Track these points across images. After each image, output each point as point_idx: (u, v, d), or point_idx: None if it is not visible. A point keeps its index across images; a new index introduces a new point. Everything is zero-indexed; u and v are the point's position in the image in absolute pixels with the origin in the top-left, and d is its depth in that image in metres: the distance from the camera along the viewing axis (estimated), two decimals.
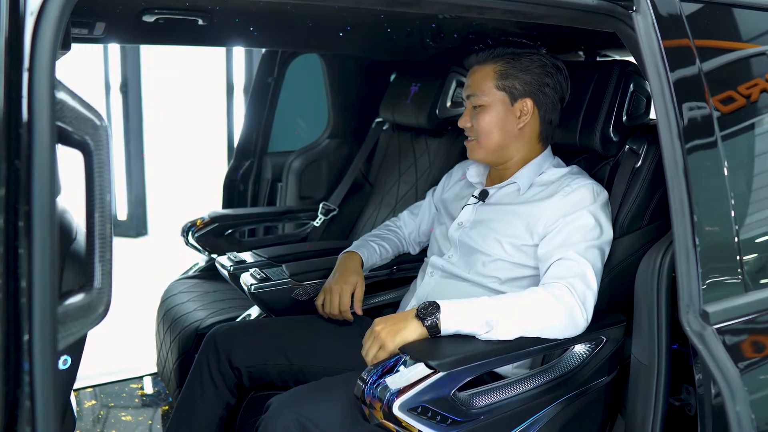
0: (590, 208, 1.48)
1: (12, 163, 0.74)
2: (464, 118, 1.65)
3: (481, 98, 1.60)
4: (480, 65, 1.63)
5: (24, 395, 0.75)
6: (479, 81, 1.61)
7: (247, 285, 1.84)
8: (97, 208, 0.81)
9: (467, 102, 1.65)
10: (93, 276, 0.82)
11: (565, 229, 1.47)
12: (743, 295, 1.27)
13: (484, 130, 1.61)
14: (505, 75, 1.59)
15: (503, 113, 1.60)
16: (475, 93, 1.61)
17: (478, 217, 1.62)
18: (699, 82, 1.26)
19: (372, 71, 2.75)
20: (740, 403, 1.14)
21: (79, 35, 1.84)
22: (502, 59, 1.60)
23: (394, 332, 1.33)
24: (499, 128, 1.60)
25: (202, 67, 5.21)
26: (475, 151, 1.65)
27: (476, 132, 1.62)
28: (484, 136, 1.61)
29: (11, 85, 0.75)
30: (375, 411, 1.21)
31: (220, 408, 1.60)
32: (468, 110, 1.64)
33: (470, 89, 1.63)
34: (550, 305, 1.36)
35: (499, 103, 1.60)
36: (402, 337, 1.32)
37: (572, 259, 1.42)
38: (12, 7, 0.75)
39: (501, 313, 1.34)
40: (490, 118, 1.60)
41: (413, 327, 1.34)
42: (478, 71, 1.62)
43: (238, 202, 2.89)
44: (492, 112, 1.60)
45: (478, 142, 1.63)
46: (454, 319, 1.33)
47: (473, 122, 1.62)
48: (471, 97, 1.62)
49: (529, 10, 1.19)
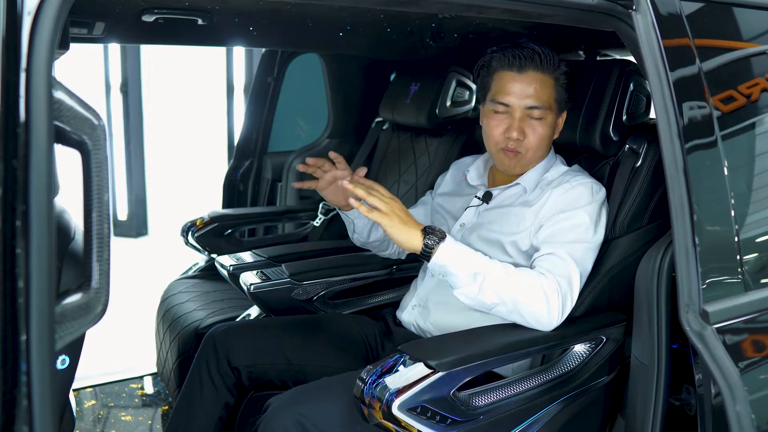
0: (587, 207, 1.47)
1: (9, 163, 0.74)
2: (516, 129, 1.49)
3: (544, 111, 1.50)
4: (540, 72, 1.49)
5: (21, 395, 0.75)
6: (543, 92, 1.50)
7: (247, 285, 1.85)
8: (95, 208, 0.81)
9: (517, 109, 1.50)
10: (91, 275, 0.81)
11: (559, 224, 1.46)
12: (743, 294, 1.26)
13: (538, 143, 1.52)
14: (561, 89, 1.52)
15: (553, 127, 1.55)
16: (538, 105, 1.49)
17: (481, 219, 1.61)
18: (699, 82, 1.26)
19: (372, 71, 2.75)
20: (740, 402, 1.14)
21: (79, 35, 1.84)
22: (560, 72, 1.52)
23: (401, 221, 1.35)
24: (547, 142, 1.55)
25: (203, 67, 5.20)
26: (519, 164, 1.54)
27: (526, 145, 1.51)
28: (534, 150, 1.53)
29: (9, 85, 0.75)
30: (374, 411, 1.20)
31: (219, 408, 1.60)
32: (519, 120, 1.50)
33: (533, 100, 1.49)
34: (536, 295, 1.37)
35: (552, 116, 1.53)
36: (400, 231, 1.34)
37: (562, 258, 1.41)
38: (9, 7, 0.75)
39: (490, 276, 1.36)
40: (545, 132, 1.52)
41: (413, 235, 1.35)
42: (539, 81, 1.49)
43: (238, 201, 2.89)
44: (548, 126, 1.52)
45: (523, 156, 1.53)
46: (449, 255, 1.35)
47: (527, 133, 1.50)
48: (531, 109, 1.49)
49: (529, 9, 1.19)
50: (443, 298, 1.57)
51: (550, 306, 1.36)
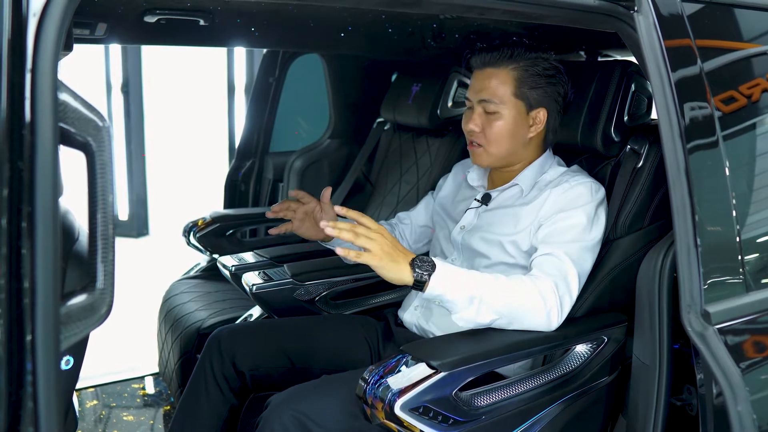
0: (586, 207, 1.47)
1: (15, 164, 0.74)
2: (473, 121, 1.55)
3: (497, 105, 1.53)
4: (495, 68, 1.54)
5: (27, 395, 0.75)
6: (495, 86, 1.53)
7: (249, 285, 1.85)
8: (100, 209, 0.81)
9: (475, 104, 1.56)
10: (95, 276, 0.82)
11: (558, 224, 1.46)
12: (745, 295, 1.27)
13: (495, 137, 1.54)
14: (523, 83, 1.53)
15: (517, 122, 1.54)
16: (490, 99, 1.53)
17: (481, 220, 1.62)
18: (700, 82, 1.26)
19: (373, 71, 2.75)
20: (742, 402, 1.14)
21: (81, 36, 1.84)
22: (520, 64, 1.53)
23: (389, 256, 1.29)
24: (511, 136, 1.55)
25: (204, 68, 5.21)
26: (482, 157, 1.58)
27: (486, 138, 1.55)
28: (495, 144, 1.55)
29: (14, 86, 0.75)
30: (377, 411, 1.21)
31: (224, 410, 1.60)
32: (477, 113, 1.55)
33: (484, 93, 1.54)
34: (533, 301, 1.36)
35: (515, 111, 1.53)
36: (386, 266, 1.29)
37: (560, 258, 1.41)
38: (15, 8, 0.76)
39: (486, 296, 1.33)
40: (503, 126, 1.54)
41: (403, 270, 1.30)
42: (494, 75, 1.53)
43: (239, 202, 2.90)
44: (506, 119, 1.53)
45: (485, 149, 1.57)
46: (442, 284, 1.31)
47: (484, 128, 1.55)
48: (484, 103, 1.54)
49: (530, 10, 1.19)
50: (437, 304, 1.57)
51: (548, 309, 1.37)
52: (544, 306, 1.36)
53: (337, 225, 1.28)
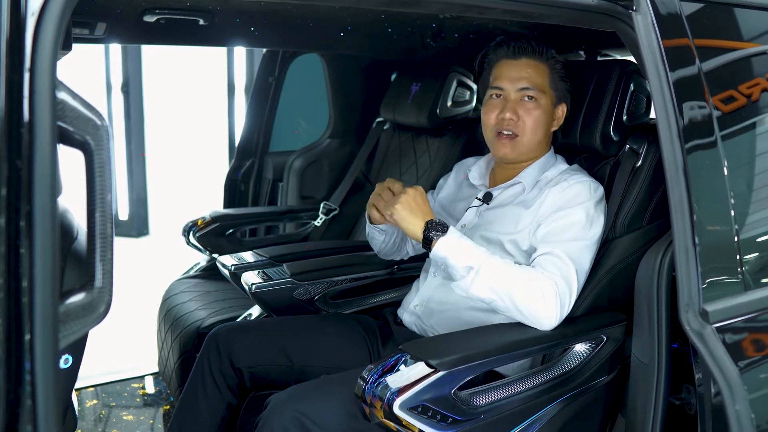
0: (585, 205, 1.48)
1: (13, 163, 0.75)
2: (510, 110, 1.54)
3: (538, 93, 1.55)
4: (530, 58, 1.56)
5: (25, 394, 0.76)
6: (535, 75, 1.55)
7: (248, 285, 1.85)
8: (98, 208, 0.81)
9: (512, 93, 1.55)
10: (94, 275, 0.82)
11: (556, 223, 1.47)
12: (743, 294, 1.27)
13: (533, 126, 1.55)
14: (554, 77, 1.57)
15: (548, 113, 1.58)
16: (534, 87, 1.54)
17: (482, 219, 1.62)
18: (699, 82, 1.27)
19: (373, 71, 2.75)
20: (740, 401, 1.14)
21: (81, 35, 1.85)
22: (551, 60, 1.57)
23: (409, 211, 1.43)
24: (544, 127, 1.57)
25: (204, 67, 5.21)
26: (515, 149, 1.57)
27: (523, 127, 1.55)
28: (531, 133, 1.56)
29: (12, 86, 0.75)
30: (375, 410, 1.21)
31: (222, 408, 1.60)
32: (514, 102, 1.55)
33: (524, 82, 1.54)
34: (534, 291, 1.38)
35: (549, 102, 1.57)
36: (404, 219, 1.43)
37: (559, 257, 1.42)
38: (13, 8, 0.76)
39: (484, 271, 1.38)
40: (541, 115, 1.56)
41: (417, 225, 1.42)
42: (531, 65, 1.56)
43: (239, 201, 2.90)
44: (543, 109, 1.56)
45: (517, 138, 1.56)
46: (448, 248, 1.40)
47: (522, 116, 1.55)
48: (524, 91, 1.55)
49: (529, 9, 1.19)
50: (445, 299, 1.57)
51: (547, 306, 1.37)
52: (544, 302, 1.37)
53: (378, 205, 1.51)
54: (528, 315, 1.38)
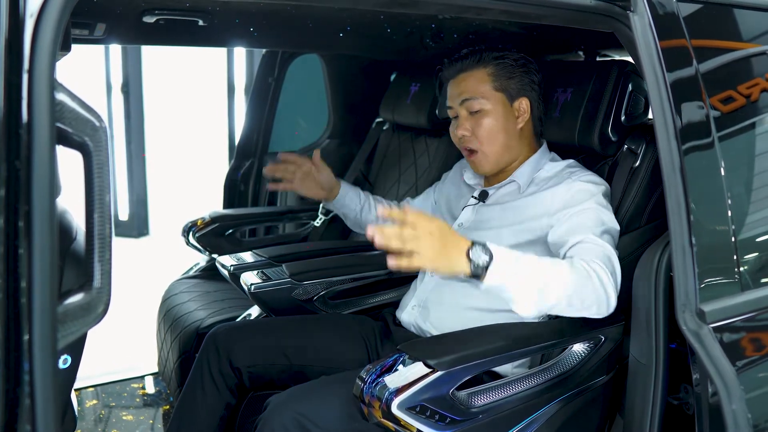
0: (595, 199, 1.47)
1: (12, 164, 0.75)
2: (461, 126, 1.57)
3: (481, 102, 1.56)
4: (467, 72, 1.59)
5: (24, 394, 0.76)
6: (473, 85, 1.57)
7: (248, 285, 1.85)
8: (97, 209, 0.82)
9: (458, 109, 1.59)
10: (92, 275, 0.82)
11: (575, 217, 1.44)
12: (740, 294, 1.27)
13: (487, 135, 1.56)
14: (499, 76, 1.57)
15: (504, 115, 1.57)
16: (473, 97, 1.56)
17: (479, 217, 1.62)
18: (696, 83, 1.27)
19: (372, 71, 2.75)
20: (736, 401, 1.14)
21: (80, 36, 1.85)
22: (490, 63, 1.58)
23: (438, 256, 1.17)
24: (502, 131, 1.57)
25: (204, 68, 5.21)
26: (482, 163, 1.59)
27: (478, 140, 1.57)
28: (489, 142, 1.56)
29: (11, 87, 0.75)
30: (374, 410, 1.21)
31: (221, 408, 1.60)
32: (463, 117, 1.59)
33: (464, 95, 1.57)
34: (591, 281, 1.28)
35: (500, 104, 1.57)
36: (438, 267, 1.18)
37: (593, 242, 1.37)
38: (12, 9, 0.76)
39: (553, 281, 1.25)
40: (492, 122, 1.56)
41: (457, 265, 1.19)
42: (468, 77, 1.58)
43: (238, 202, 2.90)
44: (494, 115, 1.56)
45: (482, 152, 1.58)
46: (501, 276, 1.21)
47: (474, 130, 1.57)
48: (466, 102, 1.57)
49: (527, 10, 1.19)
50: (443, 298, 1.58)
51: (605, 288, 1.30)
52: (601, 285, 1.29)
53: (383, 232, 1.15)
54: (589, 305, 1.30)
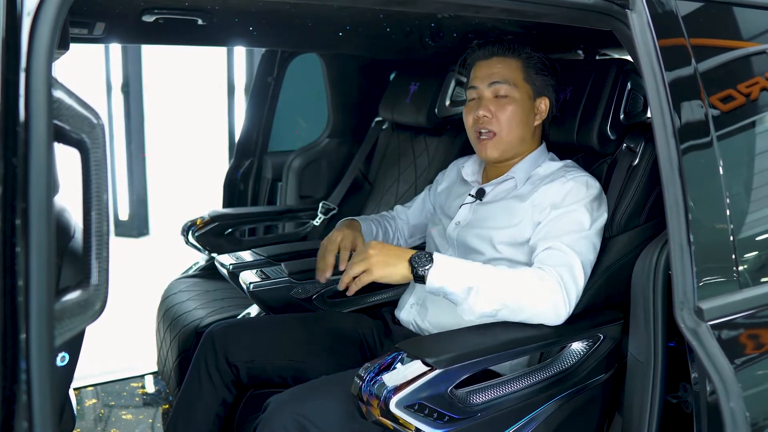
0: (583, 202, 1.48)
1: (9, 161, 0.75)
2: (484, 107, 1.55)
3: (510, 88, 1.55)
4: (501, 57, 1.58)
5: (21, 391, 0.76)
6: (506, 71, 1.56)
7: (247, 284, 1.85)
8: (94, 206, 0.82)
9: (484, 89, 1.57)
10: (90, 273, 0.82)
11: (557, 219, 1.47)
12: (737, 292, 1.27)
13: (508, 121, 1.56)
14: (529, 70, 1.58)
15: (526, 107, 1.58)
16: (504, 81, 1.55)
17: (476, 215, 1.62)
18: (694, 81, 1.27)
19: (371, 70, 2.75)
20: (734, 399, 1.14)
21: (79, 35, 1.85)
22: (522, 55, 1.58)
23: (384, 264, 1.36)
24: (524, 123, 1.58)
25: (204, 67, 5.21)
26: (490, 147, 1.57)
27: (498, 124, 1.56)
28: (508, 129, 1.56)
29: (8, 85, 0.75)
30: (372, 408, 1.21)
31: (217, 405, 1.60)
32: (487, 99, 1.56)
33: (495, 77, 1.56)
34: (536, 288, 1.36)
35: (526, 96, 1.57)
36: (387, 273, 1.36)
37: (561, 249, 1.41)
38: (9, 7, 0.76)
39: (484, 286, 1.34)
40: (517, 110, 1.56)
41: (402, 269, 1.36)
42: (502, 62, 1.57)
43: (238, 201, 2.90)
44: (519, 104, 1.56)
45: (497, 136, 1.57)
46: (441, 278, 1.35)
47: (496, 113, 1.56)
48: (495, 86, 1.56)
49: (526, 8, 1.19)
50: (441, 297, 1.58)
51: (554, 300, 1.35)
52: (550, 296, 1.35)
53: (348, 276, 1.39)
54: (535, 316, 1.37)
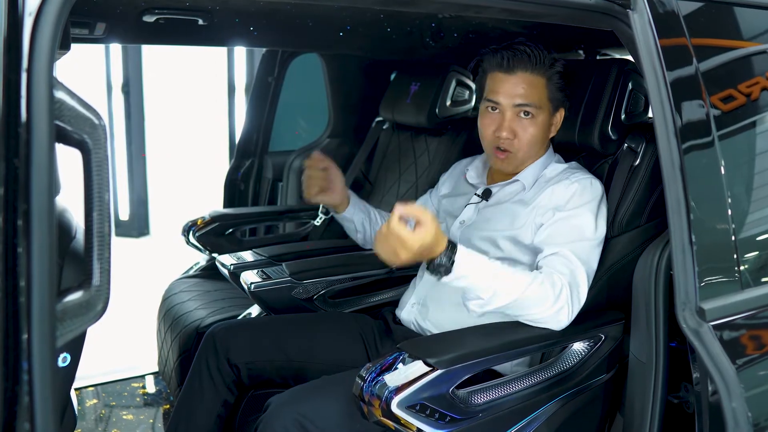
0: (590, 205, 1.48)
1: (11, 162, 0.75)
2: (505, 128, 1.50)
3: (536, 110, 1.51)
4: (526, 72, 1.50)
5: (23, 392, 0.76)
6: (532, 91, 1.50)
7: (248, 284, 1.85)
8: (96, 207, 0.82)
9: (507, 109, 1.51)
10: (92, 273, 0.82)
11: (560, 223, 1.46)
12: (739, 292, 1.27)
13: (529, 143, 1.53)
14: (553, 87, 1.52)
15: (546, 124, 1.55)
16: (530, 104, 1.50)
17: (481, 216, 1.62)
18: (696, 81, 1.27)
19: (372, 70, 2.75)
20: (736, 399, 1.14)
21: (80, 35, 1.85)
22: (548, 70, 1.51)
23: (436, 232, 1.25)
24: (542, 140, 1.56)
25: (204, 67, 5.21)
26: (506, 162, 1.55)
27: (519, 144, 1.52)
28: (526, 147, 1.53)
29: (10, 85, 0.75)
30: (373, 408, 1.21)
31: (218, 405, 1.60)
32: (509, 120, 1.51)
33: (520, 99, 1.49)
34: (544, 294, 1.35)
35: (546, 114, 1.54)
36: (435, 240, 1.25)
37: (567, 258, 1.41)
38: (10, 8, 0.76)
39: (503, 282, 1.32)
40: (538, 131, 1.53)
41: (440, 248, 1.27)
42: (528, 80, 1.50)
43: (239, 201, 2.90)
44: (540, 123, 1.52)
45: (514, 155, 1.54)
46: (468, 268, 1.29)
47: (517, 133, 1.51)
48: (521, 107, 1.50)
49: (527, 8, 1.19)
50: (442, 296, 1.58)
51: (558, 306, 1.36)
52: (554, 302, 1.35)
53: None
54: (536, 316, 1.37)
